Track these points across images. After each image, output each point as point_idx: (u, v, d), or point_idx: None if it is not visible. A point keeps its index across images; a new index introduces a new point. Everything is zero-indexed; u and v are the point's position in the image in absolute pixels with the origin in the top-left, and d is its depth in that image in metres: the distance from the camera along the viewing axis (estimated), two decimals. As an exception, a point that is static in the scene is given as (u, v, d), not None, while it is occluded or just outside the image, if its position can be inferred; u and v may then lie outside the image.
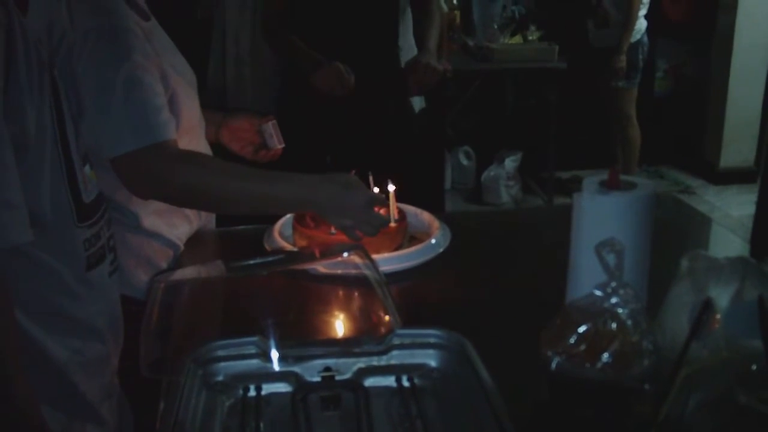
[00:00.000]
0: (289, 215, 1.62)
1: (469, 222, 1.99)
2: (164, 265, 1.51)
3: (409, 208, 1.67)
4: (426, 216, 1.68)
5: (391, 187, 1.58)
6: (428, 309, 1.35)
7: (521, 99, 5.09)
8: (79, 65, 1.24)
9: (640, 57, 4.33)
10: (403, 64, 2.49)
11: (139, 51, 1.32)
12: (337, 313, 1.28)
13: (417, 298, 1.41)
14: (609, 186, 1.05)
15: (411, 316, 1.23)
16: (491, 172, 4.68)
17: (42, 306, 1.03)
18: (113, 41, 1.29)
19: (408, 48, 2.64)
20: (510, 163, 4.68)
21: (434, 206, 2.06)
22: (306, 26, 2.43)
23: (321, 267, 1.30)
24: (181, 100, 1.47)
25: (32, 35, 0.96)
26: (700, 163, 5.09)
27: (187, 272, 1.21)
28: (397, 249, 1.54)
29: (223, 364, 1.02)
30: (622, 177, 1.06)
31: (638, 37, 4.28)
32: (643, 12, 4.26)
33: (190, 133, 1.53)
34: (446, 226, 1.61)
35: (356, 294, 1.28)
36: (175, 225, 1.57)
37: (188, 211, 1.59)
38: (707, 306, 0.88)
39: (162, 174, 1.31)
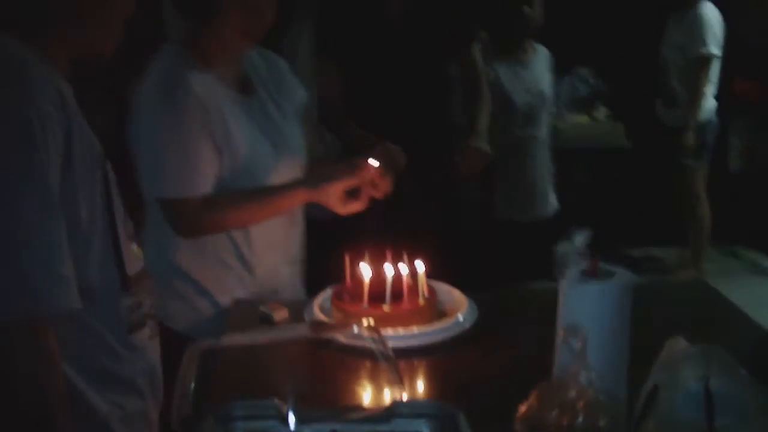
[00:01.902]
0: (328, 291, 1.77)
1: (503, 301, 2.08)
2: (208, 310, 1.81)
3: (442, 286, 1.81)
4: (456, 294, 1.80)
5: (420, 267, 1.71)
6: (443, 383, 1.48)
7: (590, 176, 5.16)
8: None
9: (709, 136, 4.36)
10: None
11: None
12: (349, 381, 1.42)
13: (434, 371, 1.54)
14: (589, 274, 1.16)
15: (422, 388, 1.36)
16: (561, 248, 4.72)
17: (87, 363, 1.20)
18: None
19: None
20: (579, 239, 4.72)
21: (482, 282, 2.17)
22: (360, 109, 2.64)
23: (342, 338, 1.45)
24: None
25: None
26: (775, 243, 5.00)
27: (221, 339, 1.37)
28: (426, 324, 1.68)
29: (241, 423, 1.17)
30: (603, 266, 1.17)
31: (707, 116, 4.32)
32: (711, 91, 4.31)
33: None
34: (474, 304, 1.73)
35: (368, 365, 1.42)
36: (223, 284, 1.84)
37: (242, 273, 1.86)
38: (654, 391, 0.98)
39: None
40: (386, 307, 1.65)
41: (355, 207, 1.77)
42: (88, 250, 1.16)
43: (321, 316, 1.68)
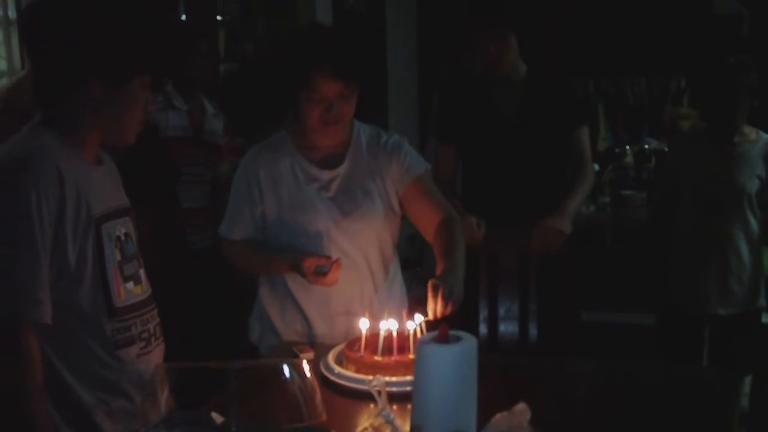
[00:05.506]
0: (342, 345, 2.11)
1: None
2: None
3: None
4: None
5: (413, 325, 1.98)
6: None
7: None
8: None
9: None
10: None
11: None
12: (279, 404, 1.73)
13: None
14: (438, 339, 1.39)
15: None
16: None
17: (79, 367, 1.65)
18: None
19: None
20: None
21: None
22: (473, 190, 2.99)
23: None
24: None
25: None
26: None
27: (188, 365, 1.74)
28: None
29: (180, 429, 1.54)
30: (454, 332, 1.39)
31: None
32: None
33: None
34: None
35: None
36: (287, 322, 2.32)
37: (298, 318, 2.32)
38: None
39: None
40: (377, 357, 1.96)
41: (325, 281, 2.11)
42: (78, 285, 1.64)
43: (331, 360, 2.02)
